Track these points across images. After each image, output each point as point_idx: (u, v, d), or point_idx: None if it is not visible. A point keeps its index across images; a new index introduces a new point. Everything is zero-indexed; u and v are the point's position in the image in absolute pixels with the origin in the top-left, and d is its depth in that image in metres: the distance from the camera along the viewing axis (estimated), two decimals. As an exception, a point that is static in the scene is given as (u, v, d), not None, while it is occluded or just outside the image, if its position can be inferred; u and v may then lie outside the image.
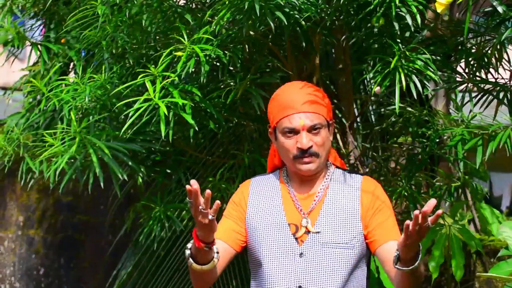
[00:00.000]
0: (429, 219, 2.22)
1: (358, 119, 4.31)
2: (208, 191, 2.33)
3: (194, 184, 2.33)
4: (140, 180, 3.81)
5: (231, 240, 2.65)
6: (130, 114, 3.13)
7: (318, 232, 2.55)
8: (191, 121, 3.17)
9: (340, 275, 2.54)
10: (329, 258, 2.53)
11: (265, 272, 2.58)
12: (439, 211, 2.21)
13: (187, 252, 2.53)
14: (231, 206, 2.72)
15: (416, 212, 2.21)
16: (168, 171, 4.00)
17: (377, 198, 2.61)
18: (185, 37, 3.25)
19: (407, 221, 2.26)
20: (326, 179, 2.65)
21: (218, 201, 2.38)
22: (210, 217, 2.38)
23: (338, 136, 3.96)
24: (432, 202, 2.21)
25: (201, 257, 2.50)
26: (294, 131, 2.58)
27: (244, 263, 4.08)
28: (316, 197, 2.61)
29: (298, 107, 2.59)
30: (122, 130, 3.24)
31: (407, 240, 2.27)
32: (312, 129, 2.57)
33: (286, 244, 2.57)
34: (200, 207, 2.36)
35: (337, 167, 2.72)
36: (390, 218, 2.60)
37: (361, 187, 2.61)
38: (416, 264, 2.33)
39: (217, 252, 2.53)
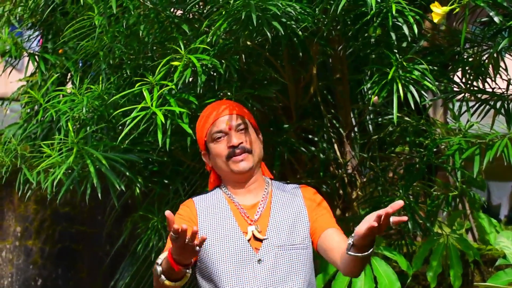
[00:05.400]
0: (392, 219, 2.25)
1: (356, 129, 4.32)
2: (195, 228, 2.29)
3: (183, 226, 2.29)
4: (138, 190, 3.81)
5: None
6: (127, 123, 3.13)
7: (266, 238, 2.58)
8: (189, 130, 3.17)
9: (299, 276, 2.58)
10: (287, 260, 2.58)
11: (224, 284, 2.56)
12: (404, 218, 2.26)
13: (159, 269, 2.46)
14: (178, 218, 2.65)
15: (380, 212, 2.25)
16: (166, 181, 3.99)
17: (315, 201, 2.70)
18: (182, 47, 3.25)
19: (370, 216, 2.29)
20: (266, 188, 2.71)
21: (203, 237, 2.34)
22: (197, 248, 2.33)
23: (335, 145, 3.96)
24: (398, 203, 2.25)
25: (174, 274, 2.45)
26: (222, 133, 2.67)
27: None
28: (260, 205, 2.66)
29: (221, 113, 2.69)
30: (119, 139, 3.23)
31: (368, 233, 2.30)
32: (239, 128, 2.67)
33: (243, 252, 2.58)
34: (187, 241, 2.31)
35: (271, 179, 2.79)
36: (328, 214, 2.70)
37: (302, 194, 2.71)
38: (370, 251, 2.38)
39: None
